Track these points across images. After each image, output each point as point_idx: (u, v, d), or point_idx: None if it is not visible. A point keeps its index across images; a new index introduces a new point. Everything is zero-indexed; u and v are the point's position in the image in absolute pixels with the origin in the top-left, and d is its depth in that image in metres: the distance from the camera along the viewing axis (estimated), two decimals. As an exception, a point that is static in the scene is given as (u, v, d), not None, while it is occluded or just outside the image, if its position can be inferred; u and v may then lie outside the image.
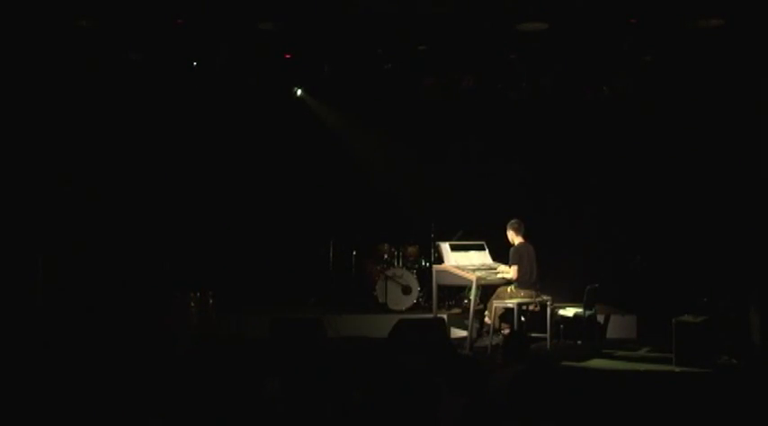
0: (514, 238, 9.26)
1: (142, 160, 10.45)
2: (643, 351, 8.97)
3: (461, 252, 9.49)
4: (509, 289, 9.09)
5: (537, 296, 9.08)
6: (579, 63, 9.60)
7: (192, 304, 8.93)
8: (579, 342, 9.23)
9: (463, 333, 9.37)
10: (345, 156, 11.66)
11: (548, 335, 8.92)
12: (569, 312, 9.24)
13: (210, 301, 9.07)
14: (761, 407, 6.51)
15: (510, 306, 8.82)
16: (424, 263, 10.91)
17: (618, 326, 9.73)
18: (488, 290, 9.25)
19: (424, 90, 10.60)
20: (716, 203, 9.68)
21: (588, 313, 9.09)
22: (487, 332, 9.11)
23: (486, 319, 9.19)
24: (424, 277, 10.54)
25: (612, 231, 10.64)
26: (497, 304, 8.99)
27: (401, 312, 10.21)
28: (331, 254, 10.93)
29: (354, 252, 11.05)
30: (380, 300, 10.47)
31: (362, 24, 8.38)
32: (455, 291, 10.63)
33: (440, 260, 9.69)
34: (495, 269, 9.40)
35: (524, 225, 9.29)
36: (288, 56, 9.51)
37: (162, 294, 9.15)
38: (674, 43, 8.83)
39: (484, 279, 9.10)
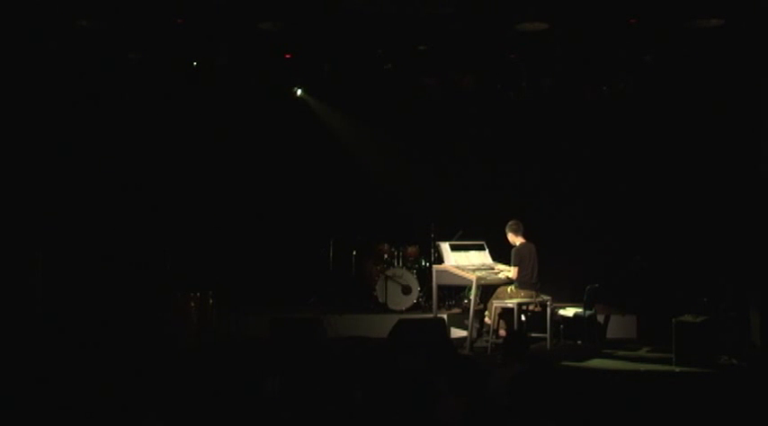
0: (515, 239, 9.25)
1: (142, 160, 10.45)
2: (643, 351, 8.96)
3: (461, 252, 9.49)
4: (509, 289, 9.09)
5: (537, 296, 9.08)
6: (579, 63, 9.59)
7: (192, 304, 8.94)
8: (579, 342, 9.24)
9: (463, 333, 9.37)
10: (345, 156, 11.65)
11: (548, 335, 8.92)
12: (569, 312, 9.24)
13: (210, 301, 9.08)
14: (761, 407, 6.50)
15: (510, 306, 8.82)
16: (424, 263, 10.91)
17: (618, 326, 9.73)
18: (488, 290, 9.24)
19: (424, 90, 10.59)
20: (716, 203, 9.67)
21: (588, 313, 9.09)
22: (487, 332, 9.11)
23: (486, 319, 9.19)
24: (424, 277, 10.55)
25: (612, 231, 10.63)
26: (497, 304, 8.99)
27: (401, 312, 10.22)
28: (331, 254, 10.93)
29: (354, 253, 11.05)
30: (380, 300, 10.48)
31: (363, 24, 8.38)
32: (455, 291, 10.62)
33: (440, 260, 9.68)
34: (495, 269, 9.41)
35: (522, 224, 9.29)
36: (288, 56, 9.51)
37: (162, 294, 9.16)
38: (674, 43, 8.82)
39: (484, 279, 9.09)
